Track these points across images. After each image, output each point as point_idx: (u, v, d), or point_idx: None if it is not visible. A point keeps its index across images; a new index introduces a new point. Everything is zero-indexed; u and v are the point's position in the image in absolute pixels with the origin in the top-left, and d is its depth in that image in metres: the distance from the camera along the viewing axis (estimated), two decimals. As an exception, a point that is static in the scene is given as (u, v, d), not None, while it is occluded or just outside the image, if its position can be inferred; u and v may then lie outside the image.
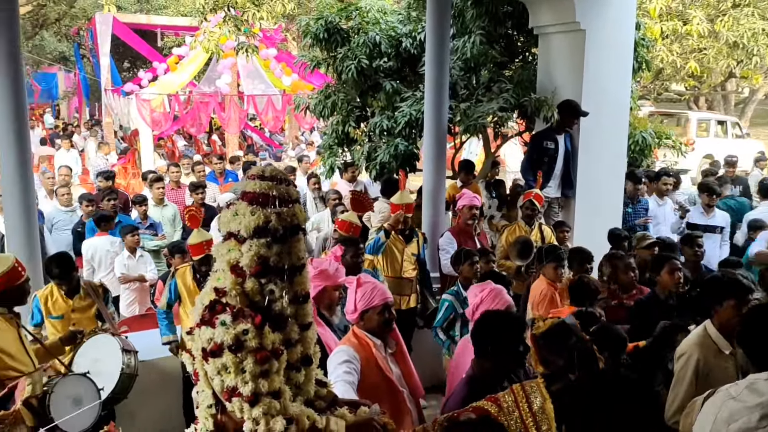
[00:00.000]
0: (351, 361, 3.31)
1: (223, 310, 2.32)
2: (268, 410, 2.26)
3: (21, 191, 5.23)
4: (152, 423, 5.28)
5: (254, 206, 2.41)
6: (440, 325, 5.41)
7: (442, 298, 5.48)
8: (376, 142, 7.93)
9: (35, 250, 5.41)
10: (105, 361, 4.43)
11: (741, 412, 2.31)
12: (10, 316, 4.08)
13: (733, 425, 2.30)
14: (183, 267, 5.52)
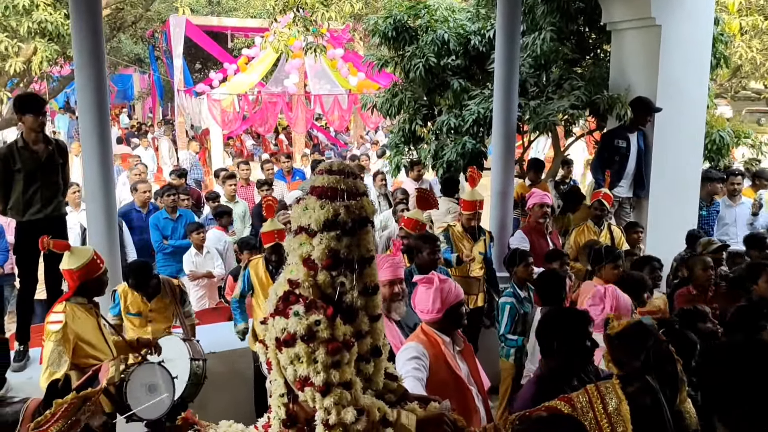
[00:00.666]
0: (420, 357, 3.31)
1: (297, 301, 2.36)
2: (339, 401, 2.29)
3: (102, 187, 5.44)
4: (223, 413, 5.37)
5: (323, 200, 2.44)
6: (508, 331, 5.36)
7: (502, 302, 5.41)
8: (443, 141, 7.90)
9: (114, 244, 5.61)
10: (175, 365, 4.51)
11: None
12: (89, 306, 4.24)
13: None
14: (255, 259, 5.64)
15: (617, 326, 2.92)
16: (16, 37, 11.33)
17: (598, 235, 6.47)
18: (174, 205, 8.02)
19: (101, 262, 4.28)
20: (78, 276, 4.13)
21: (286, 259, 5.28)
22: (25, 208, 5.24)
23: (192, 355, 4.61)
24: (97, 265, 4.24)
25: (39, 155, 5.24)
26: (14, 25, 11.24)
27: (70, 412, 2.52)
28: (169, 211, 7.96)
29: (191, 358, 4.58)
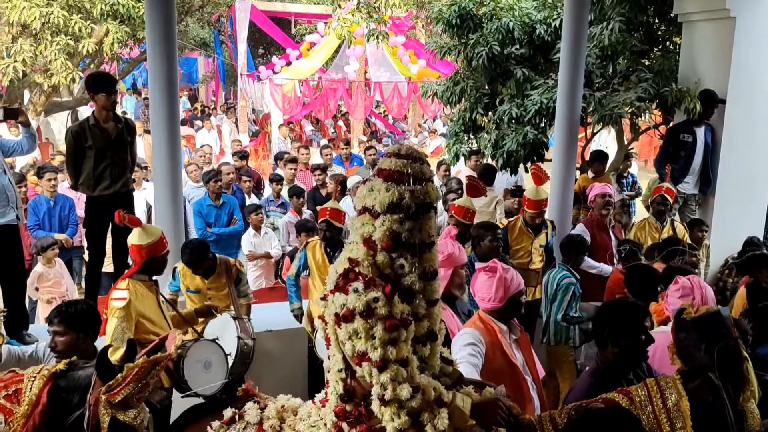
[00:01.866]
0: (476, 344, 3.32)
1: (356, 278, 2.40)
2: (395, 377, 2.32)
3: (170, 167, 5.60)
4: (277, 390, 5.50)
5: (389, 183, 2.47)
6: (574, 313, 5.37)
7: (565, 284, 5.40)
8: (504, 130, 7.82)
9: (179, 223, 5.79)
10: (224, 342, 4.61)
11: None
12: (150, 284, 4.38)
13: None
14: (313, 241, 5.73)
15: (693, 313, 2.85)
16: (89, 19, 11.71)
17: (660, 232, 6.33)
18: (219, 192, 7.93)
19: (166, 243, 4.42)
20: (146, 252, 4.27)
21: (339, 238, 5.44)
22: (96, 183, 5.44)
23: (239, 333, 4.70)
24: (164, 244, 4.38)
25: (109, 133, 5.43)
26: (88, 6, 11.64)
27: (140, 376, 2.62)
28: (213, 198, 7.89)
29: (238, 337, 4.67)
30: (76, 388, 2.74)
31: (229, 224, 7.89)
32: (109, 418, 2.60)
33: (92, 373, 2.73)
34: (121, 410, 2.60)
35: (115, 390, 2.60)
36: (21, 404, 2.70)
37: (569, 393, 3.48)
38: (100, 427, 2.61)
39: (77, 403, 2.70)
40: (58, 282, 6.86)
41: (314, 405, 2.81)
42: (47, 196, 7.54)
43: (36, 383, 2.70)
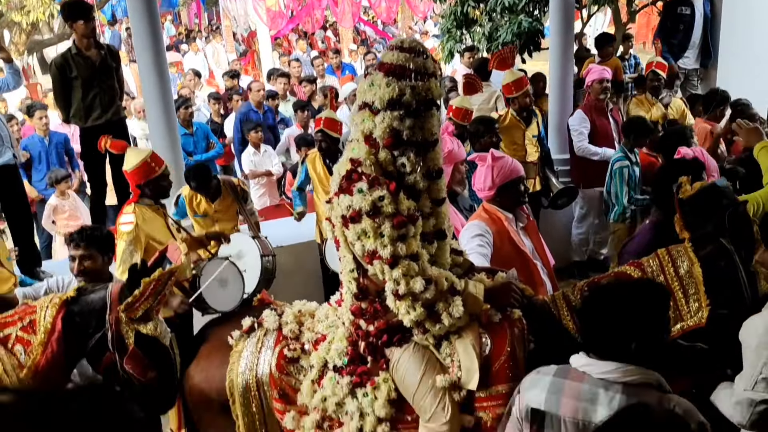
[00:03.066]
0: (483, 234, 3.33)
1: (360, 178, 2.37)
2: (407, 271, 2.33)
3: (160, 96, 5.46)
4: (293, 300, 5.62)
5: (390, 78, 2.40)
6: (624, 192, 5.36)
7: (618, 168, 5.38)
8: (497, 22, 7.60)
9: (176, 149, 5.70)
10: (245, 261, 4.60)
11: None
12: (156, 207, 4.34)
13: None
14: (312, 153, 5.66)
15: (689, 190, 2.84)
16: (59, -51, 11.23)
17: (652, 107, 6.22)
18: (190, 119, 7.71)
19: (157, 165, 4.27)
20: (137, 176, 4.17)
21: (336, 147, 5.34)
22: (87, 114, 5.35)
23: (262, 251, 4.72)
24: (152, 167, 4.23)
25: (93, 61, 5.29)
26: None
27: (158, 289, 2.65)
28: (185, 126, 7.63)
29: (261, 255, 4.69)
30: (91, 311, 2.77)
31: (208, 149, 7.79)
32: (133, 333, 2.65)
33: (104, 294, 2.76)
34: (142, 324, 2.65)
35: (134, 306, 2.64)
36: (37, 334, 2.74)
37: (627, 243, 3.54)
38: (125, 344, 2.67)
39: (96, 326, 2.74)
40: (74, 215, 6.82)
41: (330, 306, 2.85)
42: (40, 134, 7.41)
43: (49, 312, 2.73)
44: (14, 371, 2.74)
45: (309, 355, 2.72)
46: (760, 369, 2.25)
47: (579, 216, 6.37)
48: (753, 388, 2.26)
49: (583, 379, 1.91)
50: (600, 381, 1.89)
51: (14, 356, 2.75)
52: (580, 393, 1.90)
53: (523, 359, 2.48)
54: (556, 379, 1.96)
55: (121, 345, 2.69)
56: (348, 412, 2.55)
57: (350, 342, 2.59)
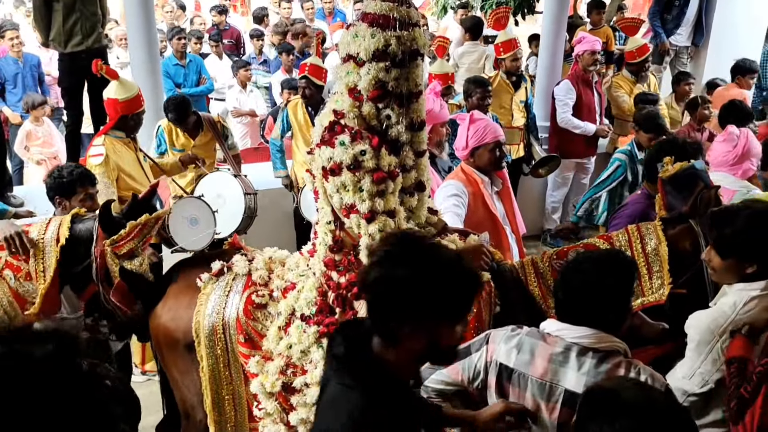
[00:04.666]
0: (459, 195, 3.35)
1: (342, 131, 2.37)
2: (383, 227, 2.36)
3: (144, 24, 5.29)
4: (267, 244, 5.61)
5: (374, 28, 2.38)
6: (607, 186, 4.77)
7: (614, 157, 4.91)
8: (493, -20, 7.49)
9: (157, 82, 5.58)
10: (227, 199, 4.59)
11: None
12: (127, 140, 4.28)
13: None
14: (294, 100, 5.58)
15: (671, 170, 2.88)
16: None
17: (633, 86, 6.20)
18: (183, 50, 7.55)
19: (143, 101, 4.28)
20: (121, 108, 4.14)
21: (320, 96, 5.26)
22: (67, 39, 5.22)
23: (245, 189, 4.71)
24: (139, 102, 4.24)
25: (76, -16, 5.13)
26: None
27: (144, 232, 2.70)
28: (178, 57, 7.53)
29: (244, 193, 4.68)
30: (79, 239, 2.82)
31: (199, 84, 7.63)
32: (117, 267, 2.72)
33: (92, 226, 2.78)
34: (127, 260, 2.67)
35: (119, 243, 2.68)
36: (28, 261, 2.77)
37: (618, 210, 3.59)
38: (110, 276, 2.71)
39: (83, 254, 2.78)
40: (48, 142, 6.67)
41: (302, 256, 2.87)
42: (14, 56, 7.17)
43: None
44: (4, 295, 2.78)
45: (277, 302, 2.74)
46: (699, 364, 2.33)
47: (554, 184, 6.41)
48: (690, 378, 2.34)
49: (555, 342, 1.96)
50: (573, 345, 1.94)
51: (3, 281, 2.78)
52: (551, 355, 1.94)
53: (488, 321, 2.53)
54: (529, 338, 2.00)
55: (107, 277, 2.72)
56: (312, 360, 2.59)
57: (320, 293, 2.62)
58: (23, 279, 2.84)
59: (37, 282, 2.82)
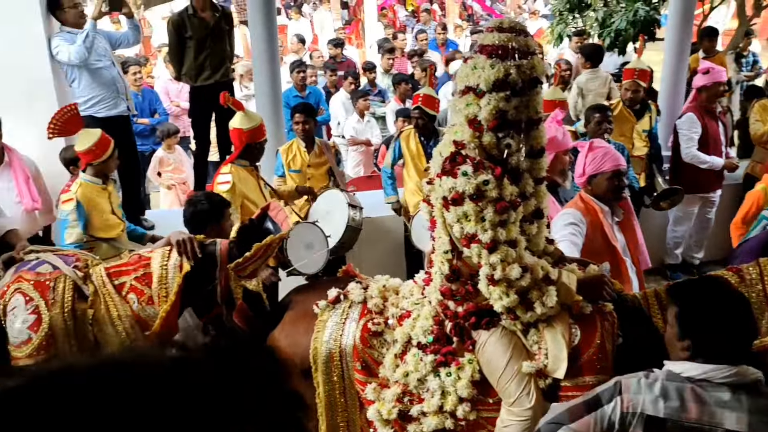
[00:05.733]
0: (577, 224, 3.29)
1: (464, 161, 2.38)
2: (505, 257, 2.35)
3: (268, 57, 5.57)
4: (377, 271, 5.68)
5: (493, 59, 2.40)
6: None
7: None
8: (612, 7, 7.33)
9: (278, 114, 5.85)
10: (334, 213, 4.82)
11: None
12: (251, 168, 4.52)
13: None
14: (407, 130, 5.67)
15: None
16: None
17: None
18: (303, 83, 7.82)
19: (265, 131, 4.52)
20: (246, 137, 4.38)
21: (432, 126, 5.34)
22: (197, 73, 5.55)
23: (350, 201, 4.87)
24: (262, 131, 4.48)
25: (207, 22, 5.47)
26: None
27: (267, 254, 2.82)
28: (298, 89, 7.81)
29: (348, 204, 4.83)
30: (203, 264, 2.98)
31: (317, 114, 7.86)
32: (241, 290, 2.86)
33: (214, 250, 2.92)
34: (248, 280, 2.80)
35: (243, 266, 2.80)
36: (151, 284, 2.93)
37: (742, 244, 3.44)
38: (233, 297, 2.82)
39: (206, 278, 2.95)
40: (178, 168, 7.14)
41: (415, 284, 2.89)
42: (133, 90, 7.66)
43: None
44: (127, 317, 2.95)
45: (393, 329, 2.77)
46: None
47: (676, 218, 6.12)
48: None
49: (702, 384, 1.87)
50: (722, 384, 1.85)
51: (127, 304, 2.96)
52: (703, 397, 1.85)
53: (611, 353, 2.48)
54: (672, 384, 1.91)
55: (229, 299, 2.85)
56: (429, 389, 2.60)
57: (436, 321, 2.63)
58: (145, 303, 2.99)
59: (158, 306, 2.97)
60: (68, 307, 2.96)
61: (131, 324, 2.99)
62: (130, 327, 2.99)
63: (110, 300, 2.99)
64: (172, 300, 2.90)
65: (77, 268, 3.06)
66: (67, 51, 4.73)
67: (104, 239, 4.26)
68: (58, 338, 2.94)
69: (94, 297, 3.00)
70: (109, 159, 4.18)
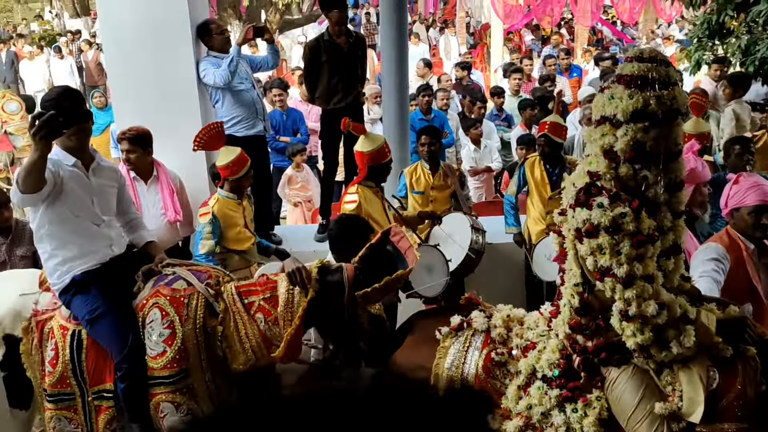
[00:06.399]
0: (720, 260, 3.13)
1: (599, 192, 2.35)
2: (641, 293, 2.28)
3: (397, 81, 5.72)
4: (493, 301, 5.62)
5: (632, 89, 2.36)
6: None
7: None
8: (757, 34, 6.89)
9: (405, 137, 5.97)
10: (456, 236, 4.82)
11: None
12: (376, 190, 4.61)
13: None
14: (532, 157, 5.58)
15: None
16: (319, -63, 12.13)
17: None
18: (428, 106, 7.85)
19: (389, 152, 4.60)
20: (368, 159, 4.49)
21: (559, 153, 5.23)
22: (330, 97, 5.74)
23: (473, 224, 4.86)
24: (385, 153, 4.56)
25: (342, 48, 5.65)
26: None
27: (393, 286, 2.87)
28: (423, 112, 7.85)
29: (472, 226, 4.82)
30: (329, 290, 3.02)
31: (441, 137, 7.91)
32: (366, 315, 2.94)
33: (341, 277, 2.98)
34: (372, 305, 2.86)
35: (369, 296, 2.87)
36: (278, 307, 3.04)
37: None
38: (359, 323, 2.91)
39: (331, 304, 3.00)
40: (305, 186, 7.44)
41: (541, 315, 2.84)
42: (279, 109, 8.08)
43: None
44: (254, 336, 3.07)
45: (517, 360, 2.74)
46: None
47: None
48: None
49: None
50: None
51: (255, 323, 3.08)
52: None
53: (754, 400, 2.35)
54: None
55: (354, 323, 2.93)
56: (554, 423, 2.55)
57: (563, 355, 2.58)
58: (272, 323, 3.07)
59: (283, 328, 3.04)
60: (200, 323, 3.09)
61: (257, 342, 3.08)
62: (256, 345, 3.08)
63: (239, 318, 3.09)
64: (297, 324, 2.96)
65: (209, 285, 3.19)
66: (213, 74, 5.06)
67: (236, 251, 4.51)
68: (190, 352, 3.08)
69: (225, 314, 3.12)
70: (244, 176, 4.43)
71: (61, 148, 3.16)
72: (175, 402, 3.06)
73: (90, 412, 3.21)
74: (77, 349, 3.18)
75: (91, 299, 3.17)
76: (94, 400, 3.19)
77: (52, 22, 24.94)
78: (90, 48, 15.60)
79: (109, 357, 3.14)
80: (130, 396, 3.09)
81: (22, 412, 3.46)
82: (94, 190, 3.26)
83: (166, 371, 3.05)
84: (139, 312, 3.15)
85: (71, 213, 3.16)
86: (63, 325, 3.23)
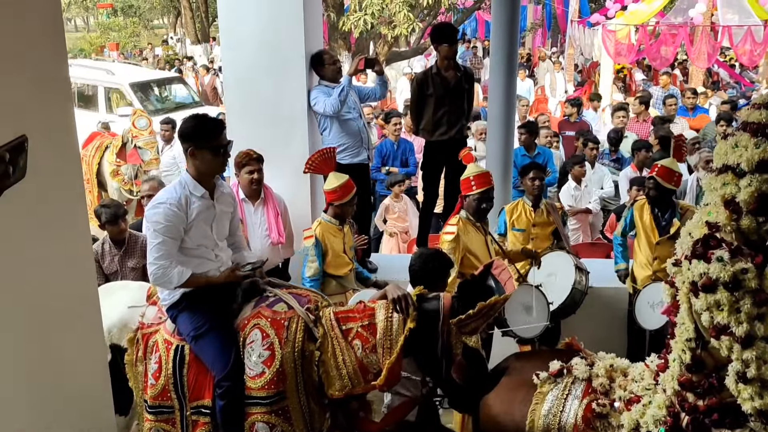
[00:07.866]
0: None
1: (719, 245, 2.23)
2: (761, 354, 2.16)
3: (505, 116, 5.70)
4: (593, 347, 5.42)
5: (759, 138, 2.25)
6: None
7: None
8: None
9: (509, 171, 5.93)
10: (558, 276, 4.70)
11: None
12: (479, 225, 4.59)
13: None
14: (641, 200, 5.39)
15: None
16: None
17: None
18: (531, 143, 7.80)
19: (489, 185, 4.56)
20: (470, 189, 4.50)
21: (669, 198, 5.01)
22: (434, 129, 5.79)
23: (577, 264, 4.72)
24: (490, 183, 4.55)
25: (449, 81, 5.70)
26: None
27: (489, 313, 2.83)
28: (526, 148, 7.82)
29: (576, 266, 4.69)
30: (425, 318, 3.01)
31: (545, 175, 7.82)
32: (461, 346, 2.86)
33: (437, 305, 2.97)
34: (469, 337, 2.83)
35: (465, 323, 2.83)
36: (376, 334, 3.05)
37: None
38: (452, 353, 2.86)
39: (427, 332, 2.98)
40: (402, 217, 7.47)
41: (647, 368, 2.72)
42: (392, 139, 8.21)
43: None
44: (351, 363, 3.08)
45: (619, 413, 2.63)
46: None
47: None
48: None
49: None
50: None
51: (352, 350, 3.10)
52: None
53: None
54: None
55: (448, 353, 2.89)
56: (658, 483, 2.41)
57: (671, 412, 2.46)
58: (369, 350, 3.07)
59: (381, 355, 3.03)
60: (299, 346, 3.13)
61: (354, 369, 3.09)
62: (353, 372, 3.09)
63: (337, 344, 3.11)
64: (398, 353, 2.96)
65: (309, 310, 3.23)
66: (323, 102, 5.21)
67: (334, 276, 4.58)
68: (288, 375, 3.12)
69: (323, 339, 3.14)
70: (348, 203, 4.51)
71: (192, 175, 3.28)
72: (270, 423, 3.10)
73: (187, 426, 3.29)
74: (180, 364, 3.28)
75: (198, 316, 3.27)
76: (192, 415, 3.28)
77: (175, 47, 26.55)
78: (207, 73, 16.46)
79: (210, 374, 3.23)
80: (227, 413, 3.16)
81: (121, 417, 3.61)
82: (216, 217, 3.37)
83: (264, 392, 3.10)
84: (240, 332, 3.23)
85: (191, 242, 3.29)
86: (167, 340, 3.35)
